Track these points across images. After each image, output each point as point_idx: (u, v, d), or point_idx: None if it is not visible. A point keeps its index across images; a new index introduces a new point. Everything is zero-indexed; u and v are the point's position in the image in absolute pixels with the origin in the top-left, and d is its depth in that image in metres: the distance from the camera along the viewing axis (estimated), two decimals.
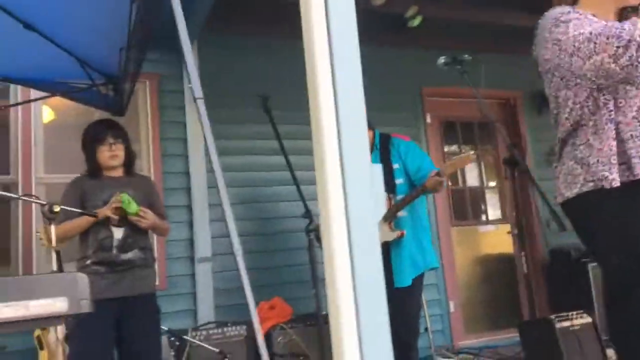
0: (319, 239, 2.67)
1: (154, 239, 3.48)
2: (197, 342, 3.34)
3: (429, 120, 5.01)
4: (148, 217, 2.79)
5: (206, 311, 3.82)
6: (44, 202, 2.38)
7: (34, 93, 3.72)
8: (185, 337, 3.31)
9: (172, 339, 3.26)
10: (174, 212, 3.86)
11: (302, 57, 1.64)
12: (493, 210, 5.38)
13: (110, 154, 2.84)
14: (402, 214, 3.08)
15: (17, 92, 3.73)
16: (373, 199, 1.67)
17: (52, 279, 1.70)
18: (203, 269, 3.90)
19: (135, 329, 2.74)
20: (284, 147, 3.23)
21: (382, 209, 3.08)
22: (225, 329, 3.51)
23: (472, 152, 3.04)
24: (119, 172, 2.90)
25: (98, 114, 3.79)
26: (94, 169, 2.87)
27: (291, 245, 4.15)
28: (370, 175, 1.66)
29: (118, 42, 3.01)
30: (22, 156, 3.68)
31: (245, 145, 4.26)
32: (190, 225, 3.98)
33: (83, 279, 1.76)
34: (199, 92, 1.66)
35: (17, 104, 3.64)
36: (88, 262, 2.79)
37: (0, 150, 3.71)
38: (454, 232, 5.01)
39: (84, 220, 2.72)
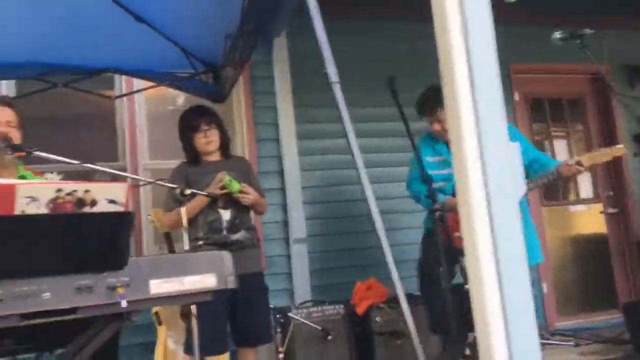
0: (443, 219, 2.66)
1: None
2: (301, 319, 3.45)
3: (517, 98, 4.89)
4: (250, 193, 2.89)
5: (303, 290, 3.93)
6: (175, 186, 2.50)
7: (137, 83, 3.91)
8: (289, 314, 3.42)
9: (278, 316, 3.38)
10: (268, 195, 3.96)
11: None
12: (585, 190, 5.20)
13: (206, 140, 2.94)
14: None
15: (121, 83, 3.93)
16: (512, 176, 1.67)
17: (202, 257, 1.81)
18: (298, 250, 4.00)
19: (248, 307, 2.86)
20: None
21: (523, 187, 3.00)
22: (324, 307, 3.61)
23: (620, 145, 2.89)
24: (216, 156, 3.00)
25: (195, 101, 3.95)
26: (193, 156, 2.99)
27: (385, 226, 4.18)
28: (509, 152, 1.66)
29: (222, 30, 3.12)
30: (129, 144, 3.89)
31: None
32: (284, 207, 4.08)
33: (227, 257, 1.87)
34: (335, 77, 1.70)
35: (129, 94, 3.84)
36: (200, 242, 2.93)
37: (108, 138, 3.93)
38: (544, 212, 4.89)
39: (199, 202, 2.85)
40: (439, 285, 2.70)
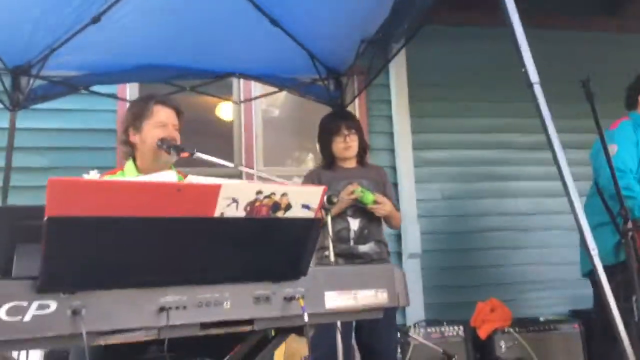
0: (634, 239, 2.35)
1: None
2: (422, 340, 3.26)
3: None
4: (385, 204, 2.74)
5: (416, 308, 3.73)
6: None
7: (254, 88, 3.89)
8: (409, 334, 3.24)
9: (397, 335, 3.20)
10: None
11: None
12: None
13: (345, 145, 2.81)
14: None
15: (239, 86, 3.91)
16: None
17: (374, 271, 1.67)
18: (412, 265, 3.81)
19: (375, 325, 2.71)
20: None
21: None
22: (442, 328, 3.41)
23: None
24: (352, 163, 2.88)
25: (311, 109, 3.88)
26: (329, 161, 2.88)
27: (507, 245, 3.96)
28: None
29: (355, 35, 3.02)
30: (245, 149, 3.86)
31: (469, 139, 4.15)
32: None
33: (399, 272, 1.72)
34: (534, 77, 1.53)
35: (253, 99, 3.83)
36: (326, 252, 2.81)
37: (225, 142, 3.92)
38: None
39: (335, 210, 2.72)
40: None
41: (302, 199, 1.35)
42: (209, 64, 3.28)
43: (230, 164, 1.91)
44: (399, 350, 3.14)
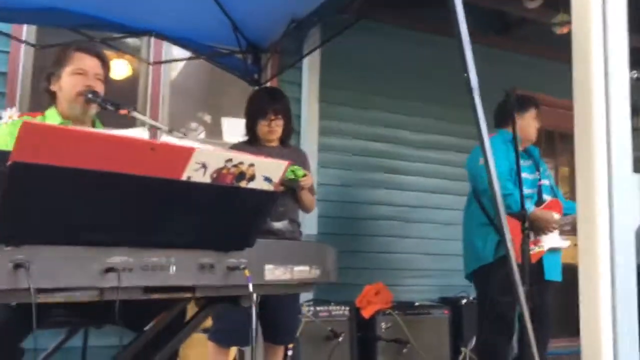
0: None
1: None
2: (312, 318, 3.40)
3: None
4: (309, 178, 2.80)
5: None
6: None
7: (166, 51, 3.72)
8: (302, 313, 3.36)
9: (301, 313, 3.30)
10: None
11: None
12: None
13: (269, 129, 2.78)
14: None
15: (149, 48, 3.72)
16: (632, 206, 1.71)
17: (309, 248, 1.74)
18: None
19: (279, 304, 2.77)
20: None
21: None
22: (330, 308, 3.57)
23: None
24: (275, 142, 2.88)
25: (225, 78, 3.81)
26: (252, 138, 2.87)
27: (393, 233, 4.25)
28: (633, 183, 1.71)
29: (284, 13, 3.02)
30: (151, 111, 3.68)
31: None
32: None
33: (332, 251, 1.81)
34: (475, 83, 1.68)
35: (169, 61, 3.64)
36: None
37: (127, 101, 3.70)
38: None
39: None
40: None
41: (266, 172, 1.37)
42: (125, 18, 3.08)
43: (165, 127, 1.84)
44: None
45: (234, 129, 4.11)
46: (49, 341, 2.11)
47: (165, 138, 1.27)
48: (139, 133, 1.29)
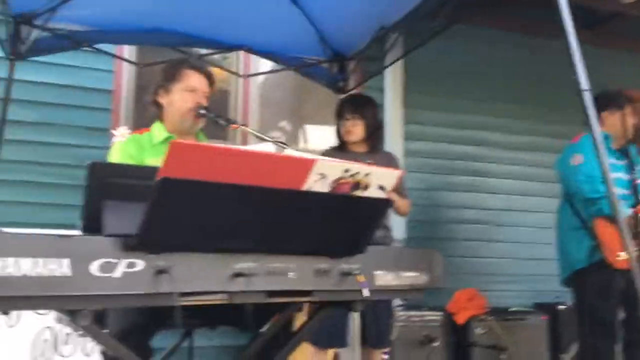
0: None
1: None
2: (406, 323, 3.40)
3: None
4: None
5: None
6: None
7: (253, 65, 3.87)
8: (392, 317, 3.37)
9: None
10: None
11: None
12: None
13: (345, 130, 2.88)
14: None
15: (238, 61, 3.88)
16: None
17: (417, 253, 1.76)
18: None
19: (375, 308, 2.79)
20: None
21: None
22: (422, 313, 3.56)
23: None
24: (362, 148, 2.91)
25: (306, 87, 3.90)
26: (340, 143, 2.95)
27: (481, 237, 4.19)
28: None
29: (374, 21, 3.06)
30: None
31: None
32: None
33: (439, 256, 1.82)
34: (585, 84, 1.64)
35: (261, 74, 3.80)
36: None
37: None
38: None
39: None
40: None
41: (380, 180, 1.41)
42: (218, 35, 3.24)
43: (269, 138, 1.92)
44: None
45: (317, 135, 4.21)
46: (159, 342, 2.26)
47: (287, 151, 1.33)
48: (267, 148, 1.36)
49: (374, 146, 2.94)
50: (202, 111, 2.02)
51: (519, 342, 3.58)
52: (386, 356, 3.23)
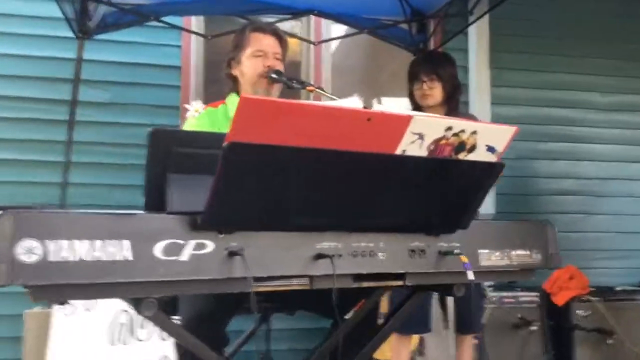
0: None
1: None
2: (498, 305, 3.13)
3: None
4: None
5: None
6: None
7: (325, 31, 3.64)
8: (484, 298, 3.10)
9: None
10: None
11: None
12: None
13: (421, 93, 2.59)
14: None
15: (309, 28, 3.67)
16: None
17: (528, 229, 1.50)
18: None
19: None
20: None
21: None
22: (516, 294, 3.26)
23: None
24: (440, 111, 2.60)
25: (385, 57, 3.65)
26: (414, 107, 2.68)
27: (580, 209, 3.80)
28: None
29: None
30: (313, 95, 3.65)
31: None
32: None
33: (553, 231, 1.55)
34: None
35: (332, 39, 3.58)
36: None
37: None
38: None
39: None
40: None
41: (490, 140, 1.16)
42: (288, 0, 3.04)
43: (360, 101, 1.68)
44: None
45: (392, 107, 3.95)
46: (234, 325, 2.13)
47: (377, 107, 1.11)
48: (354, 103, 1.15)
49: (453, 109, 2.65)
50: (274, 75, 1.83)
51: (627, 325, 3.21)
52: (477, 341, 2.98)
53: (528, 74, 3.86)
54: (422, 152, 1.11)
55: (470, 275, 1.29)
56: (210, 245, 1.08)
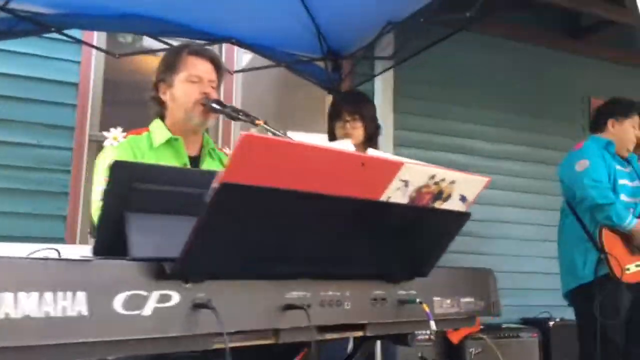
0: None
1: None
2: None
3: None
4: None
5: None
6: None
7: (237, 58, 3.56)
8: None
9: None
10: None
11: None
12: None
13: (344, 132, 2.61)
14: None
15: (221, 55, 3.55)
16: None
17: (471, 276, 1.51)
18: None
19: None
20: None
21: None
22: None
23: None
24: (360, 150, 2.67)
25: (296, 91, 3.64)
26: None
27: (474, 249, 4.01)
28: None
29: (380, 17, 2.83)
30: (223, 124, 3.51)
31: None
32: None
33: (493, 277, 1.58)
34: None
35: (250, 70, 3.47)
36: None
37: None
38: None
39: None
40: None
41: (464, 189, 1.16)
42: (206, 25, 2.93)
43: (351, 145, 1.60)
44: None
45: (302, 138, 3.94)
46: None
47: (370, 152, 1.07)
48: (347, 146, 1.08)
49: (372, 148, 2.69)
50: (215, 105, 1.70)
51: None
52: None
53: (429, 119, 4.06)
54: (404, 199, 1.08)
55: (433, 325, 1.27)
56: (175, 297, 0.94)
